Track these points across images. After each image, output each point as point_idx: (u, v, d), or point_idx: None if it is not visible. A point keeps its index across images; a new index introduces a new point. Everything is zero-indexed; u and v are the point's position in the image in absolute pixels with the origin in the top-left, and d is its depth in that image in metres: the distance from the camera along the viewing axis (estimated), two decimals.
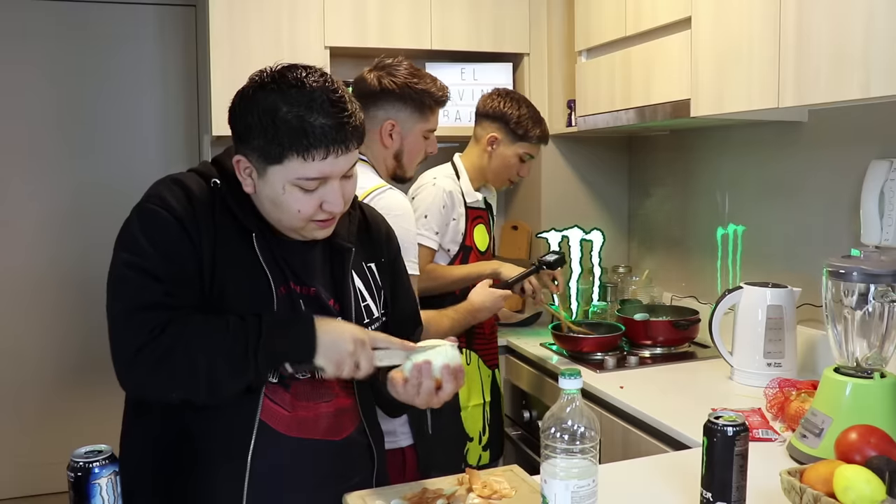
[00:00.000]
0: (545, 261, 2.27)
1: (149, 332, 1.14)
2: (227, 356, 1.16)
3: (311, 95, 1.18)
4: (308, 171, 1.19)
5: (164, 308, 1.17)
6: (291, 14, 2.62)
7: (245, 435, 1.23)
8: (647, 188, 2.98)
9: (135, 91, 3.44)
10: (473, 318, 2.07)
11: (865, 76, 1.48)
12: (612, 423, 1.93)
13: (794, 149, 2.22)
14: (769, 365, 1.95)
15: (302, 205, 1.22)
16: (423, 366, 1.22)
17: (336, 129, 1.18)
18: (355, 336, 1.21)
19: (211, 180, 1.27)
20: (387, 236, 1.51)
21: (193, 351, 1.15)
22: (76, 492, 1.00)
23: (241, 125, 1.22)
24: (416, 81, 1.85)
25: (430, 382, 1.23)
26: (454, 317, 2.02)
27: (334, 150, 1.19)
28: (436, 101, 1.87)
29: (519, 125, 2.28)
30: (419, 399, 1.24)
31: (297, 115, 1.17)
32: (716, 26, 1.92)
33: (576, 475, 1.05)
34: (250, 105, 1.20)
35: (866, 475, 1.11)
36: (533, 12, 2.91)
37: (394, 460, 1.73)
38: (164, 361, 1.14)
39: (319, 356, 1.19)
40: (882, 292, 1.40)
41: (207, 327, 1.17)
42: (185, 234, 1.20)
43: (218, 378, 1.16)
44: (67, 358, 3.39)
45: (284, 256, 1.29)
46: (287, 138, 1.17)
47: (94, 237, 3.32)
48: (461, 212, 2.24)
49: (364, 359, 1.21)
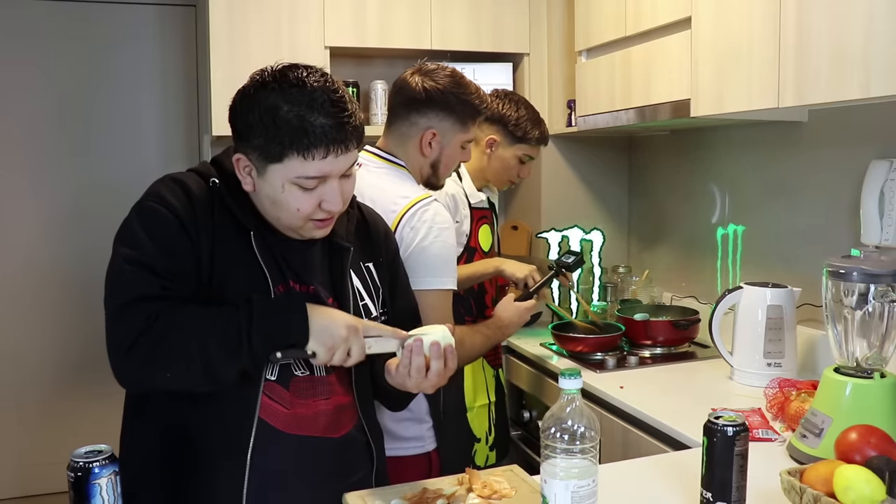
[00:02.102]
0: (564, 263, 2.24)
1: (143, 321, 1.15)
2: (220, 338, 1.15)
3: (311, 95, 1.18)
4: (308, 171, 1.20)
5: (158, 300, 1.17)
6: (291, 14, 2.62)
7: (244, 432, 1.23)
8: (647, 188, 2.98)
9: (135, 91, 3.44)
10: (503, 335, 2.05)
11: (865, 76, 1.48)
12: (612, 423, 1.93)
13: (794, 149, 2.22)
14: (769, 365, 1.95)
15: (301, 203, 1.22)
16: (413, 344, 1.24)
17: (336, 129, 1.19)
18: (348, 323, 1.21)
19: (210, 179, 1.28)
20: (385, 236, 1.51)
21: (186, 334, 1.15)
22: (76, 492, 1.00)
23: (241, 124, 1.23)
24: (460, 91, 1.77)
25: (420, 359, 1.23)
26: (487, 333, 1.98)
27: (334, 149, 1.19)
28: (479, 112, 1.83)
29: (518, 127, 2.27)
30: (410, 381, 1.25)
31: (297, 115, 1.17)
32: (716, 26, 1.92)
33: (576, 475, 1.05)
34: (251, 104, 1.21)
35: (866, 475, 1.11)
36: (533, 12, 2.91)
37: (419, 465, 1.74)
38: (158, 348, 1.15)
39: (312, 340, 1.19)
40: (882, 292, 1.40)
41: (199, 311, 1.18)
42: (184, 232, 1.21)
43: (212, 361, 1.15)
44: (67, 358, 3.39)
45: (283, 255, 1.30)
46: (287, 137, 1.17)
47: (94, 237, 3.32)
48: (465, 213, 2.23)
49: (356, 345, 1.21)
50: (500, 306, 2.04)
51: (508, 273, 2.19)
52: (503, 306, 2.04)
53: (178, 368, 1.16)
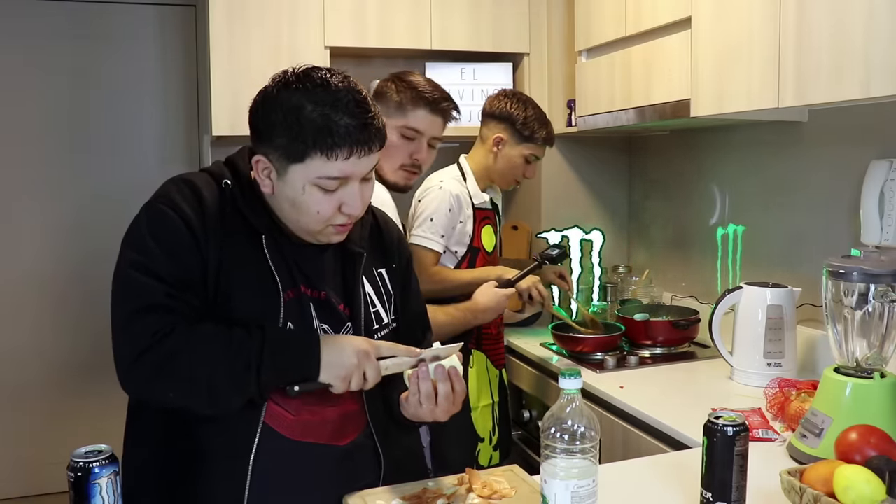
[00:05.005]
0: (547, 255, 2.26)
1: (151, 336, 1.14)
2: (229, 369, 1.15)
3: (336, 95, 1.18)
4: (330, 171, 1.19)
5: (167, 311, 1.16)
6: (291, 14, 2.62)
7: (248, 437, 1.23)
8: (647, 188, 2.98)
9: (135, 91, 3.44)
10: (476, 319, 2.07)
11: (865, 76, 1.48)
12: (612, 423, 1.93)
13: (794, 149, 2.22)
14: (769, 365, 1.95)
15: (321, 206, 1.22)
16: (417, 371, 1.24)
17: (360, 130, 1.19)
18: (358, 348, 1.21)
19: (222, 181, 1.27)
20: (399, 242, 1.50)
21: (195, 360, 1.15)
22: (76, 492, 1.00)
23: (264, 123, 1.22)
24: (399, 81, 1.95)
25: (427, 384, 1.24)
26: (453, 314, 2.01)
27: (358, 150, 1.19)
28: (422, 98, 1.93)
29: (525, 126, 2.28)
30: (423, 410, 1.25)
31: (322, 114, 1.17)
32: (716, 26, 1.92)
33: (576, 475, 1.05)
34: (274, 103, 1.20)
35: (866, 475, 1.11)
36: (533, 12, 2.91)
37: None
38: (165, 368, 1.14)
39: (324, 373, 1.19)
40: (882, 292, 1.40)
41: (210, 337, 1.17)
42: (193, 237, 1.20)
43: (218, 390, 1.16)
44: (68, 358, 3.39)
45: (295, 260, 1.29)
46: (311, 136, 1.17)
47: (94, 237, 3.33)
48: (469, 213, 2.23)
49: (370, 369, 1.21)
50: (479, 291, 2.07)
51: None
52: (482, 291, 2.07)
53: (183, 391, 1.16)
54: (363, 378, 1.21)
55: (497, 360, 2.31)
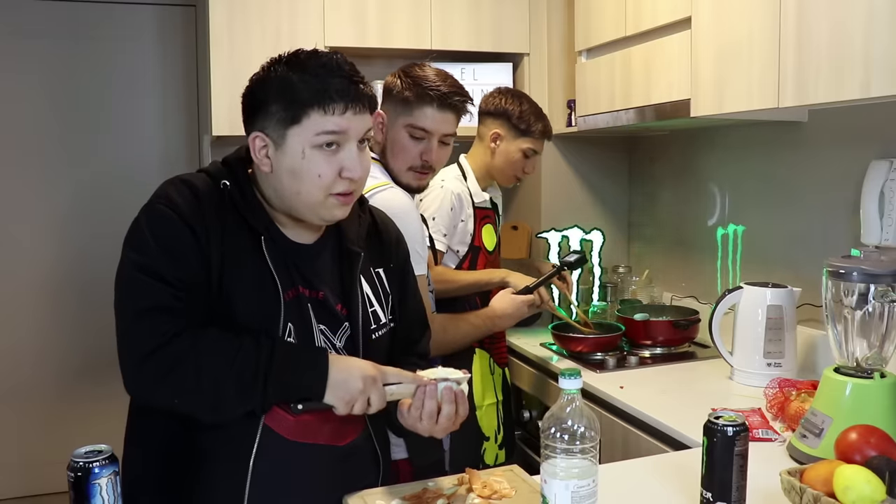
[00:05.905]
0: (567, 261, 2.27)
1: (157, 339, 1.14)
2: (236, 380, 1.16)
3: (326, 63, 1.23)
4: (327, 125, 1.21)
5: (171, 312, 1.17)
6: (291, 14, 2.62)
7: (248, 438, 1.23)
8: (647, 188, 2.98)
9: (135, 91, 3.44)
10: (494, 326, 2.07)
11: (865, 76, 1.48)
12: (612, 423, 1.93)
13: (794, 149, 2.22)
14: (769, 365, 1.95)
15: (322, 169, 1.23)
16: (427, 388, 1.24)
17: (353, 87, 1.22)
18: (365, 374, 1.21)
19: (220, 182, 1.27)
20: (396, 241, 1.50)
21: (202, 368, 1.15)
22: (76, 492, 1.00)
23: (257, 100, 1.25)
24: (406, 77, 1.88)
25: (432, 404, 1.24)
26: (474, 322, 2.01)
27: (352, 106, 1.22)
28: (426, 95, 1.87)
29: (521, 120, 2.29)
30: (422, 425, 1.25)
31: (315, 75, 1.21)
32: (716, 26, 1.92)
33: (576, 475, 1.05)
34: (266, 80, 1.24)
35: (866, 475, 1.11)
36: (533, 12, 2.91)
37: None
38: (171, 373, 1.15)
39: (329, 394, 1.19)
40: (882, 292, 1.40)
41: (219, 345, 1.17)
42: (193, 237, 1.20)
43: (223, 399, 1.16)
44: (68, 358, 3.39)
45: (294, 260, 1.29)
46: (307, 94, 1.20)
47: (95, 237, 3.33)
48: (470, 213, 2.24)
49: (375, 395, 1.21)
50: (497, 297, 2.08)
51: (514, 284, 2.19)
52: (500, 297, 2.07)
53: (187, 398, 1.17)
54: (367, 403, 1.21)
55: (500, 358, 2.31)
